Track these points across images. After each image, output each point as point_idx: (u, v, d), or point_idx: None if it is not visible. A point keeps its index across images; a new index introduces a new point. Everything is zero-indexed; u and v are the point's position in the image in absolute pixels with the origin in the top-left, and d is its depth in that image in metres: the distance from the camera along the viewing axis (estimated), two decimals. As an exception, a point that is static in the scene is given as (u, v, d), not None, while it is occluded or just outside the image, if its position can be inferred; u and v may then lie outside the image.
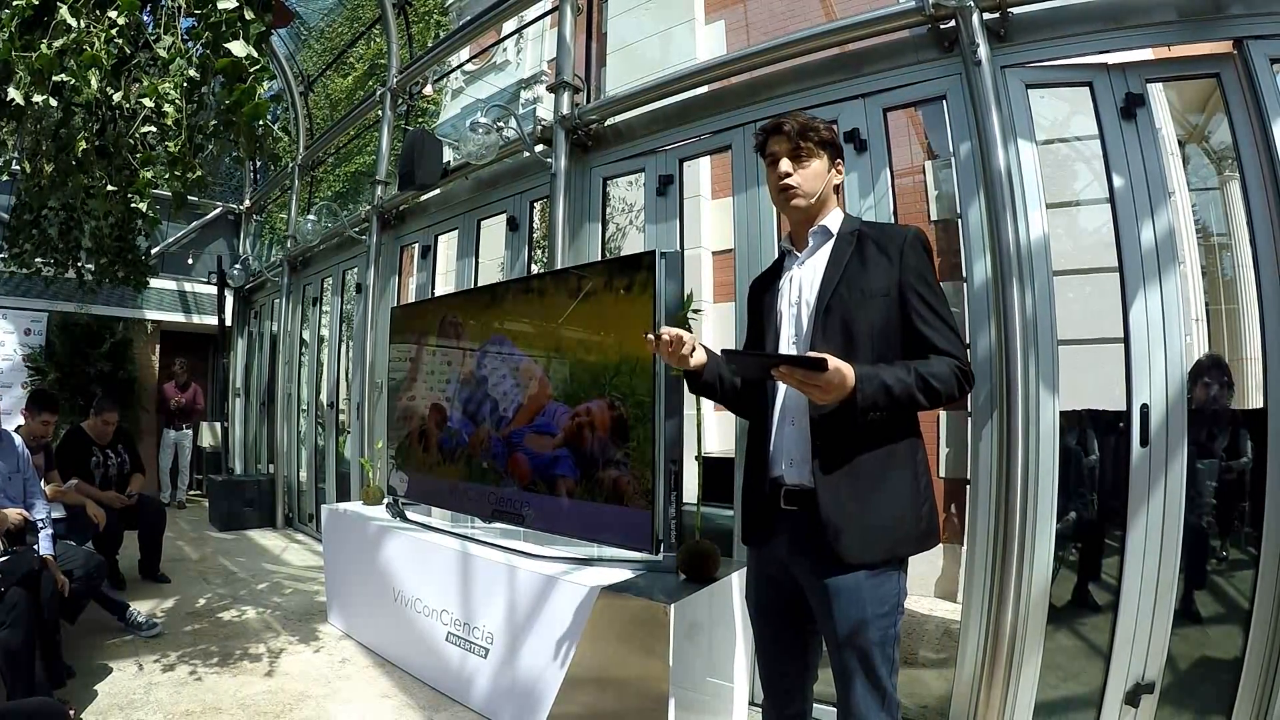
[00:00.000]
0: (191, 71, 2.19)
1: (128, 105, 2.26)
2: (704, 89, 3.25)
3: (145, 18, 2.32)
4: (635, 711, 2.06)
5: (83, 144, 2.36)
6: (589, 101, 3.68)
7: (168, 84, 2.21)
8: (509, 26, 6.74)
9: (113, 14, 2.17)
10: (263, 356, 7.46)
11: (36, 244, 3.87)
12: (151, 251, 5.71)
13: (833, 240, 1.54)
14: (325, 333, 6.34)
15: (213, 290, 7.90)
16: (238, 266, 7.49)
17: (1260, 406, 2.04)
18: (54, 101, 2.17)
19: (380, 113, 5.34)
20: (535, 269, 4.27)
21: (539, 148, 3.63)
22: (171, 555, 4.86)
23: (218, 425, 7.68)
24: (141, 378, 7.78)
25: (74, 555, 2.98)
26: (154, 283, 6.68)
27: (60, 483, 3.76)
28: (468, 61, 7.66)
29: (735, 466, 2.77)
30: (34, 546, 2.71)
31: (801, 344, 1.52)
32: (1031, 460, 2.20)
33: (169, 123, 2.22)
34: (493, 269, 4.89)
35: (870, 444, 1.41)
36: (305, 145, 6.90)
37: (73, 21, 2.11)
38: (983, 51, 2.32)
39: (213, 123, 2.36)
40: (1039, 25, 2.36)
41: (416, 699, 2.76)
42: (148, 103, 2.19)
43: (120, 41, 2.19)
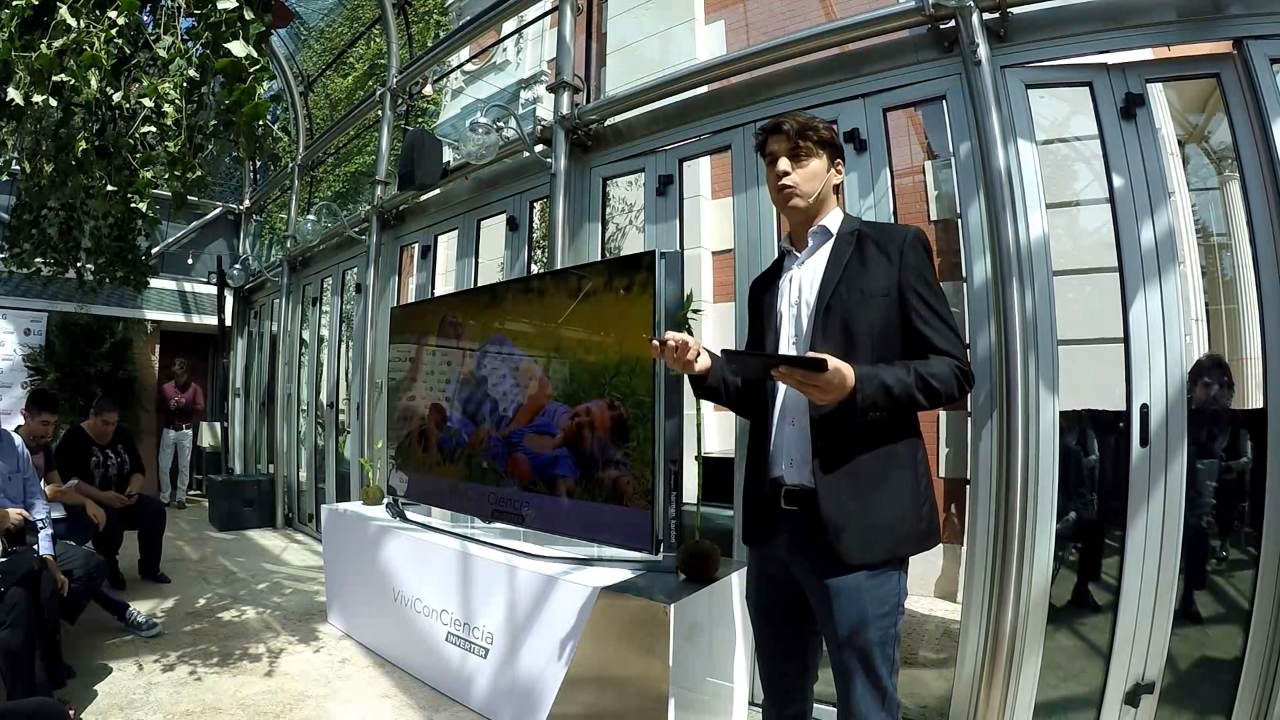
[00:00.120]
0: (191, 71, 2.19)
1: (128, 105, 2.26)
2: (704, 89, 3.25)
3: (145, 18, 2.32)
4: (635, 711, 2.06)
5: (83, 144, 2.36)
6: (589, 101, 3.68)
7: (168, 84, 2.21)
8: (509, 26, 6.74)
9: (113, 14, 2.17)
10: (263, 356, 7.47)
11: (36, 244, 3.87)
12: (151, 251, 5.70)
13: (832, 240, 1.54)
14: (325, 333, 6.33)
15: (213, 290, 7.90)
16: (238, 266, 7.50)
17: (1260, 406, 2.04)
18: (54, 101, 2.17)
19: (380, 113, 5.34)
20: (535, 269, 4.27)
21: (539, 148, 3.63)
22: (171, 555, 4.86)
23: (218, 425, 7.68)
24: (141, 378, 7.78)
25: (74, 555, 2.99)
26: (154, 283, 6.68)
27: (60, 483, 3.76)
28: (468, 61, 7.66)
29: (735, 466, 2.77)
30: (34, 546, 2.71)
31: (801, 344, 1.52)
32: (1031, 460, 2.20)
33: (169, 123, 2.22)
34: (493, 269, 4.89)
35: (870, 444, 1.41)
36: (305, 145, 6.90)
37: (73, 21, 2.11)
38: (983, 51, 2.32)
39: (213, 123, 2.36)
40: (1039, 25, 2.36)
41: (416, 699, 2.76)
42: (148, 103, 2.19)
43: (120, 41, 2.19)
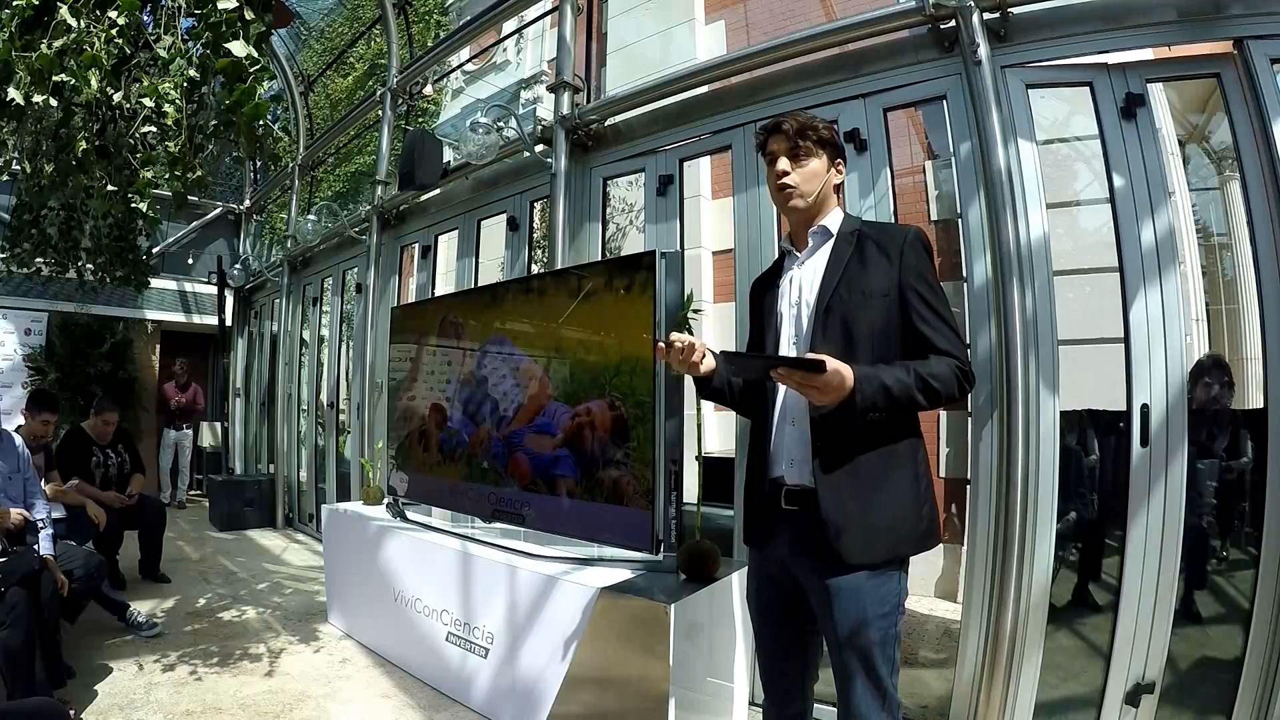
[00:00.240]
0: (191, 71, 2.19)
1: (128, 105, 2.26)
2: (704, 89, 3.25)
3: (145, 18, 2.32)
4: (635, 711, 2.06)
5: (83, 144, 2.36)
6: (589, 101, 3.68)
7: (168, 84, 2.20)
8: (509, 26, 6.74)
9: (113, 14, 2.17)
10: (263, 356, 7.47)
11: (36, 244, 3.88)
12: (152, 251, 5.71)
13: (833, 240, 1.54)
14: (325, 333, 6.34)
15: (213, 290, 7.90)
16: (238, 266, 7.50)
17: (1260, 406, 2.04)
18: (54, 101, 2.17)
19: (380, 113, 5.34)
20: (535, 269, 4.27)
21: (539, 148, 3.63)
22: (171, 555, 4.86)
23: (218, 425, 7.68)
24: (141, 378, 7.77)
25: (74, 555, 2.99)
26: (154, 283, 6.69)
27: (60, 483, 3.76)
28: (468, 61, 7.65)
29: (735, 466, 2.77)
30: (34, 546, 2.72)
31: (801, 344, 1.51)
32: (1032, 460, 2.20)
33: (169, 123, 2.22)
34: (493, 269, 4.89)
35: (870, 444, 1.41)
36: (305, 145, 6.90)
37: (73, 21, 2.11)
38: (983, 51, 2.32)
39: (213, 123, 2.36)
40: (1039, 25, 2.36)
41: (416, 699, 2.76)
42: (148, 103, 2.19)
43: (120, 41, 2.19)
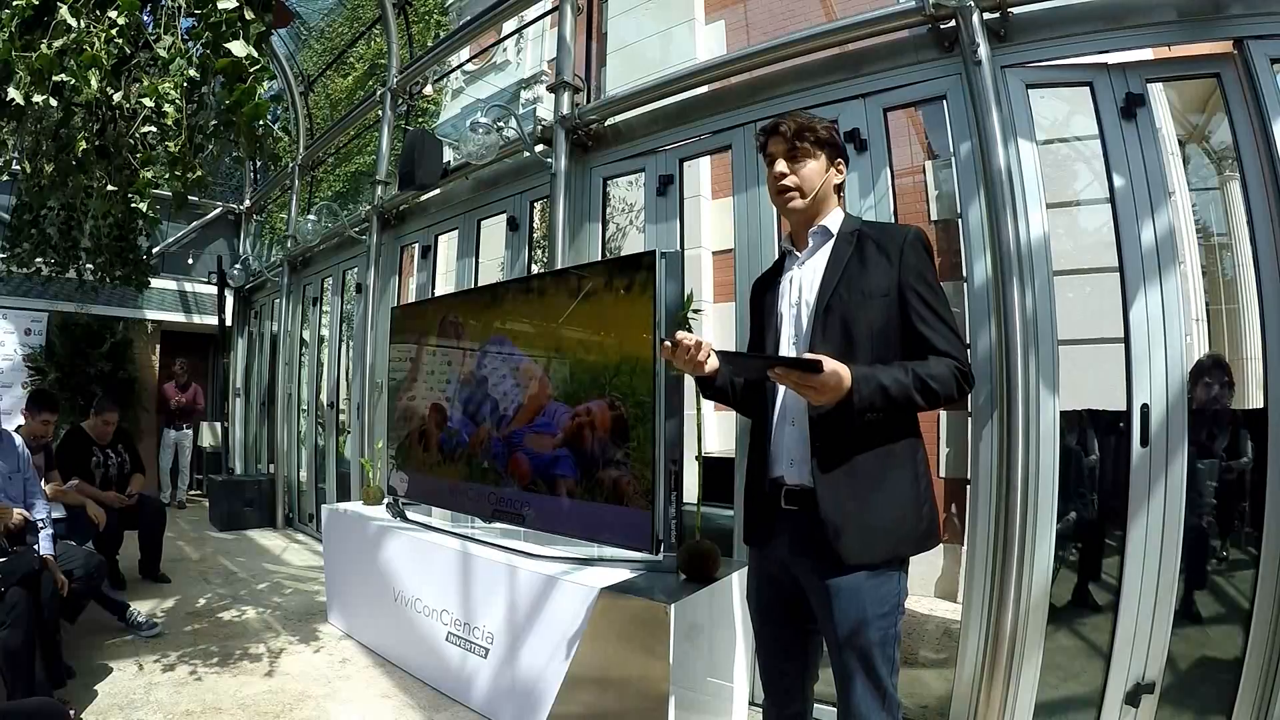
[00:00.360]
0: (191, 71, 2.19)
1: (128, 105, 2.26)
2: (704, 89, 3.24)
3: (145, 18, 2.32)
4: (635, 711, 2.06)
5: (83, 144, 2.36)
6: (589, 101, 3.68)
7: (168, 84, 2.20)
8: (509, 26, 6.74)
9: (113, 14, 2.17)
10: (263, 356, 7.47)
11: (36, 244, 3.88)
12: (152, 251, 5.71)
13: (833, 240, 1.54)
14: (325, 333, 6.33)
15: (213, 290, 7.90)
16: (238, 266, 7.50)
17: (1260, 406, 2.04)
18: (54, 101, 2.17)
19: (380, 113, 5.34)
20: (535, 269, 4.27)
21: (539, 148, 3.63)
22: (171, 555, 4.86)
23: (218, 425, 7.68)
24: (141, 378, 7.77)
25: (74, 555, 2.99)
26: (154, 283, 6.68)
27: (60, 483, 3.76)
28: (468, 61, 7.65)
29: (735, 466, 2.77)
30: (34, 546, 2.72)
31: (801, 344, 1.51)
32: (1032, 460, 2.20)
33: (169, 123, 2.22)
34: (493, 269, 4.89)
35: (869, 444, 1.41)
36: (305, 145, 6.90)
37: (73, 21, 2.11)
38: (983, 51, 2.32)
39: (213, 123, 2.36)
40: (1039, 25, 2.36)
41: (416, 699, 2.76)
42: (148, 103, 2.19)
43: (120, 41, 2.19)
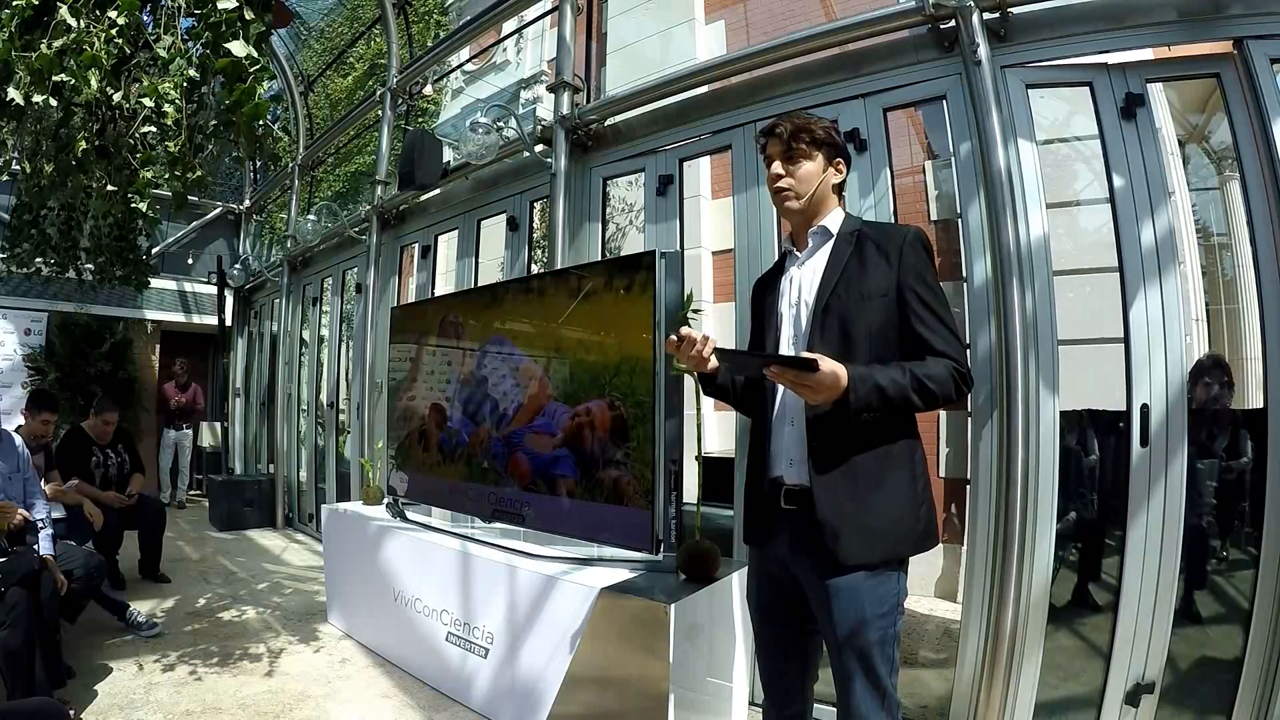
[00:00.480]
0: (191, 71, 2.19)
1: (128, 105, 2.26)
2: (704, 89, 3.24)
3: (145, 18, 2.32)
4: (635, 711, 2.06)
5: (83, 144, 2.36)
6: (589, 101, 3.68)
7: (168, 84, 2.20)
8: (509, 26, 6.74)
9: (113, 14, 2.17)
10: (263, 356, 7.47)
11: (36, 244, 3.88)
12: (152, 251, 5.71)
13: (833, 241, 1.54)
14: (325, 333, 6.33)
15: (213, 290, 7.90)
16: (238, 266, 7.50)
17: (1260, 406, 2.04)
18: (54, 101, 2.17)
19: (380, 113, 5.34)
20: (535, 269, 4.27)
21: (539, 148, 3.63)
22: (171, 555, 4.86)
23: (218, 425, 7.68)
24: (141, 378, 7.77)
25: (74, 555, 2.98)
26: (154, 283, 6.67)
27: (60, 483, 3.76)
28: (468, 61, 7.65)
29: (735, 466, 2.77)
30: (34, 546, 2.72)
31: (800, 344, 1.51)
32: (1032, 460, 2.20)
33: (169, 123, 2.22)
34: (493, 269, 4.89)
35: (866, 445, 1.41)
36: (305, 145, 6.90)
37: (73, 21, 2.11)
38: (983, 51, 2.32)
39: (213, 123, 2.36)
40: (1039, 25, 2.36)
41: (416, 699, 2.76)
42: (148, 103, 2.19)
43: (120, 41, 2.19)
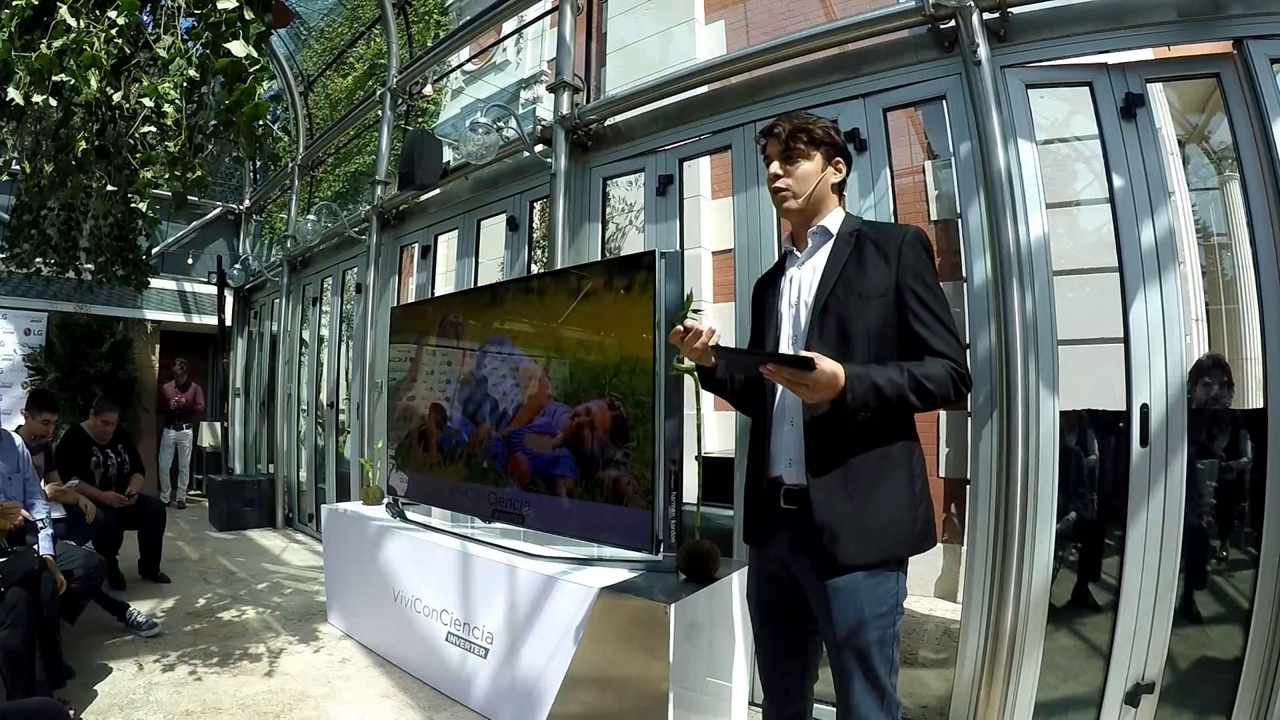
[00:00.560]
0: (191, 71, 2.19)
1: (127, 105, 2.26)
2: (704, 89, 3.25)
3: (145, 18, 2.31)
4: (635, 711, 2.06)
5: (82, 144, 2.36)
6: (589, 101, 3.68)
7: (167, 84, 2.20)
8: (509, 26, 6.74)
9: (112, 14, 2.17)
10: (263, 356, 7.47)
11: (36, 244, 3.88)
12: (152, 251, 5.71)
13: (832, 241, 1.54)
14: (325, 333, 6.33)
15: (212, 290, 7.90)
16: (237, 266, 7.50)
17: (1260, 406, 2.04)
18: (54, 101, 2.17)
19: (380, 113, 5.34)
20: (535, 269, 4.27)
21: (539, 148, 3.63)
22: (171, 555, 4.86)
23: (218, 425, 7.68)
24: (141, 378, 7.77)
25: (74, 555, 2.98)
26: (154, 283, 6.67)
27: (60, 483, 3.76)
28: (468, 61, 7.65)
29: (735, 466, 2.77)
30: (34, 546, 2.72)
31: (798, 344, 1.51)
32: (1031, 460, 2.20)
33: (169, 123, 2.22)
34: (493, 269, 4.89)
35: (863, 446, 1.41)
36: (305, 145, 6.89)
37: (72, 21, 2.11)
38: (983, 51, 2.32)
39: (213, 123, 2.36)
40: (1039, 25, 2.36)
41: (416, 699, 2.76)
42: (147, 103, 2.19)
43: (120, 41, 2.19)
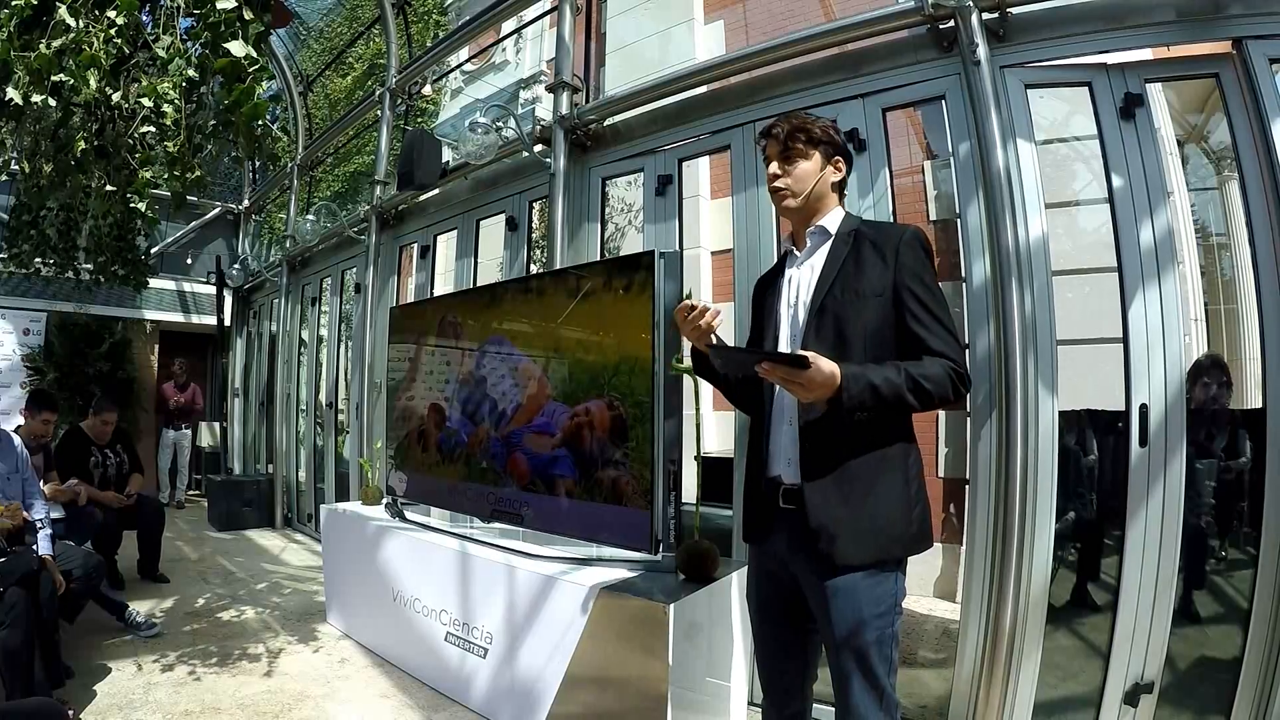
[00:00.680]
0: (190, 71, 2.19)
1: (126, 105, 2.26)
2: (703, 89, 3.24)
3: (144, 18, 2.32)
4: (634, 711, 2.06)
5: (81, 144, 2.36)
6: (588, 101, 3.68)
7: (167, 84, 2.20)
8: (508, 26, 6.74)
9: (111, 14, 2.16)
10: (261, 356, 7.46)
11: (36, 245, 3.88)
12: (151, 251, 5.71)
13: (831, 240, 1.54)
14: (324, 333, 6.33)
15: (212, 290, 7.89)
16: (236, 266, 7.50)
17: (1259, 406, 2.04)
18: (53, 101, 2.17)
19: (379, 113, 5.33)
20: (534, 269, 4.27)
21: (538, 148, 3.63)
22: (170, 555, 4.86)
23: (216, 425, 7.68)
24: (140, 378, 7.76)
25: (73, 555, 2.98)
26: (153, 283, 6.66)
27: (59, 483, 3.75)
28: (467, 61, 7.66)
29: (735, 466, 2.77)
30: (33, 546, 2.72)
31: (796, 344, 1.51)
32: (1030, 460, 2.20)
33: (168, 123, 2.22)
34: (491, 269, 4.89)
35: (859, 448, 1.41)
36: (304, 145, 6.89)
37: (71, 21, 2.11)
38: (982, 52, 2.32)
39: (212, 123, 2.36)
40: (1038, 25, 2.36)
41: (415, 699, 2.76)
42: (146, 103, 2.19)
43: (119, 41, 2.19)
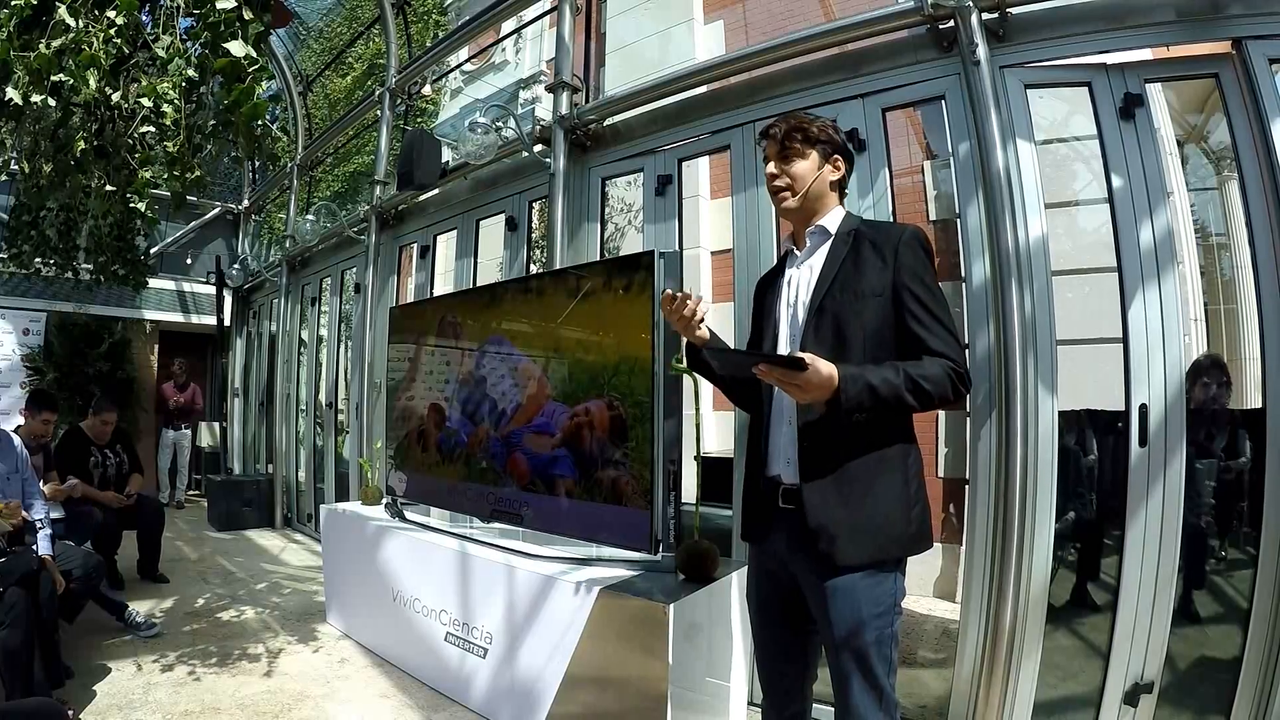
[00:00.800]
0: (190, 71, 2.19)
1: (126, 105, 2.26)
2: (703, 89, 3.24)
3: (144, 17, 2.32)
4: (634, 711, 2.06)
5: (81, 144, 2.36)
6: (588, 101, 3.67)
7: (166, 84, 2.20)
8: (508, 26, 6.74)
9: (111, 14, 2.16)
10: (261, 356, 7.46)
11: (36, 245, 3.88)
12: (150, 251, 5.71)
13: (830, 240, 1.54)
14: (324, 333, 6.33)
15: (211, 290, 7.89)
16: (236, 266, 7.49)
17: (1259, 406, 2.04)
18: (52, 101, 2.17)
19: (379, 113, 5.33)
20: (534, 269, 4.27)
21: (538, 148, 3.63)
22: (170, 555, 4.85)
23: (216, 425, 7.68)
24: (140, 378, 7.76)
25: (73, 555, 2.98)
26: (153, 283, 6.68)
27: (59, 483, 3.75)
28: (466, 61, 7.65)
29: (734, 466, 2.77)
30: (33, 547, 2.71)
31: (795, 344, 1.51)
32: (1030, 460, 2.20)
33: (167, 123, 2.22)
34: (491, 269, 4.89)
35: (858, 448, 1.40)
36: (304, 145, 6.89)
37: (71, 21, 2.11)
38: (981, 52, 2.32)
39: (211, 123, 2.36)
40: (1038, 25, 2.36)
41: (415, 699, 2.76)
42: (146, 103, 2.19)
43: (119, 41, 2.19)
